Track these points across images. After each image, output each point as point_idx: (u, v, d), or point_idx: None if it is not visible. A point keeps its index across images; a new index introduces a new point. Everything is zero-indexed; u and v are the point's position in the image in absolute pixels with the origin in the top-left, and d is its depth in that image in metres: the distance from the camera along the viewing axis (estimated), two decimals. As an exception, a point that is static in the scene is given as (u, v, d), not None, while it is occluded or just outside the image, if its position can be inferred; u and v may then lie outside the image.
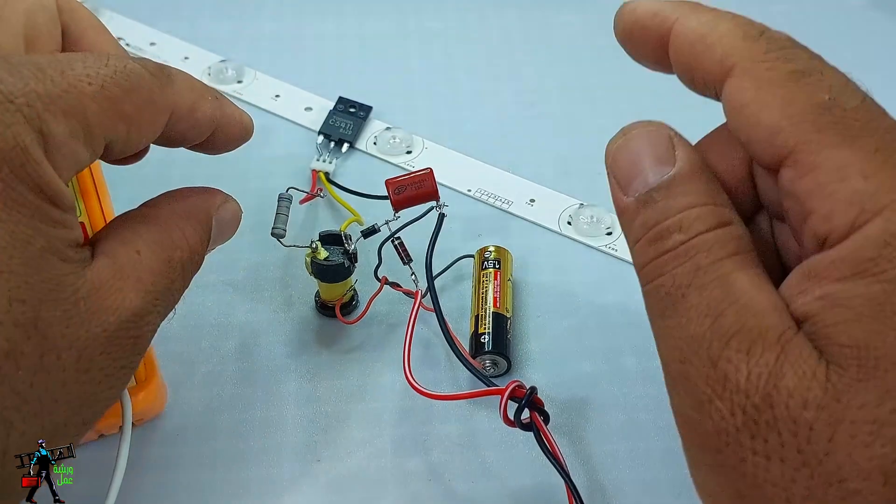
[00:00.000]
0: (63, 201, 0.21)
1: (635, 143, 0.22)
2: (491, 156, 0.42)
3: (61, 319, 0.20)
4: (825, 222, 0.19)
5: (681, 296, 0.20)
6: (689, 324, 0.19)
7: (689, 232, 0.20)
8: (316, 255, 0.32)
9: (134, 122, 0.22)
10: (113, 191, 0.39)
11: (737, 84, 0.20)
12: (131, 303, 0.22)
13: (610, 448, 0.30)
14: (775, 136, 0.19)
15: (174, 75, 0.24)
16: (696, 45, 0.21)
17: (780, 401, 0.18)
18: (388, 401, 0.32)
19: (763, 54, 0.20)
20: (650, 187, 0.21)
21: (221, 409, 0.32)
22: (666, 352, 0.20)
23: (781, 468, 0.18)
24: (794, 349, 0.18)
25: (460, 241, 0.37)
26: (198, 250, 0.25)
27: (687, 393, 0.19)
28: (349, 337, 0.34)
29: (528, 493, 0.29)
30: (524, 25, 0.51)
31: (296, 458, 0.30)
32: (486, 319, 0.33)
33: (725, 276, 0.19)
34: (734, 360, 0.18)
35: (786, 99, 0.19)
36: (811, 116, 0.19)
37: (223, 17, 0.51)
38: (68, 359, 0.21)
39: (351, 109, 0.43)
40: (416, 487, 0.29)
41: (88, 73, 0.21)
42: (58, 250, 0.21)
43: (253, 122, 0.28)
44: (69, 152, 0.21)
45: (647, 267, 0.21)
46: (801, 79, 0.20)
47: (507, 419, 0.27)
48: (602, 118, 0.44)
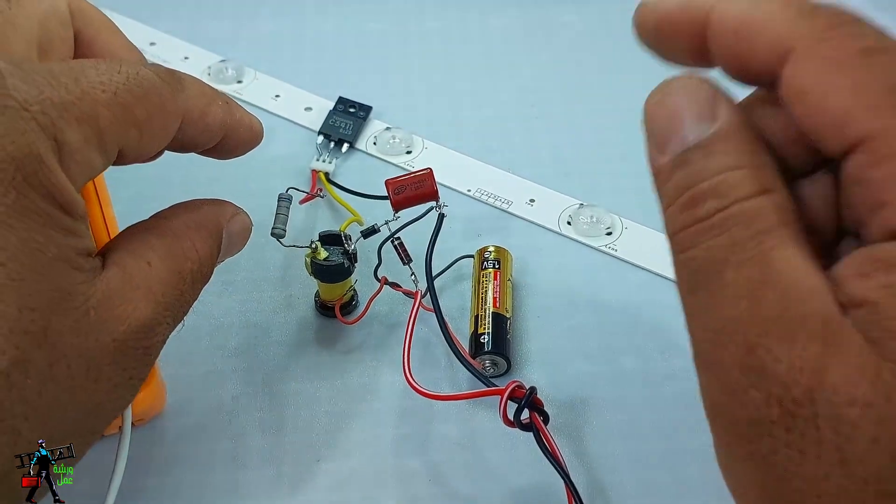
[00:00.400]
0: (75, 210, 0.21)
1: (674, 98, 0.20)
2: (491, 156, 0.42)
3: (71, 328, 0.20)
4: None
5: (715, 272, 0.18)
6: (723, 304, 0.18)
7: (726, 199, 0.18)
8: (316, 255, 0.32)
9: (146, 128, 0.23)
10: (113, 191, 0.39)
11: (798, 69, 0.18)
12: (141, 313, 0.22)
13: (609, 448, 0.30)
14: (846, 123, 0.18)
15: (185, 81, 0.24)
16: (742, 31, 0.19)
17: (823, 396, 0.16)
18: (387, 401, 0.32)
19: (825, 31, 0.18)
20: (688, 146, 0.19)
21: (221, 409, 0.32)
22: (697, 331, 0.19)
23: (816, 464, 0.17)
24: (841, 339, 0.17)
25: (460, 241, 0.37)
26: (208, 262, 0.25)
27: (719, 378, 0.18)
28: (349, 337, 0.34)
29: (528, 493, 0.29)
30: (524, 25, 0.51)
31: (296, 459, 0.30)
32: (486, 319, 0.33)
33: (765, 254, 0.18)
34: (774, 348, 0.17)
35: (857, 81, 0.18)
36: (889, 100, 0.17)
37: (223, 17, 0.51)
38: (77, 368, 0.21)
39: (351, 109, 0.43)
40: (415, 487, 0.29)
41: (102, 80, 0.21)
42: (69, 259, 0.21)
43: (262, 126, 0.28)
44: (83, 159, 0.21)
45: (679, 235, 0.19)
46: (873, 57, 0.18)
47: (506, 419, 0.27)
48: (602, 118, 0.44)
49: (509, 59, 0.48)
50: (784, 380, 0.17)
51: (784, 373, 0.17)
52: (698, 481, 0.29)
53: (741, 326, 0.18)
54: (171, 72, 0.24)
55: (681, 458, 0.30)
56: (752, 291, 0.18)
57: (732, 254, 0.18)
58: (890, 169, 0.17)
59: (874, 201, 0.18)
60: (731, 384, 0.18)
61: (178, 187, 0.40)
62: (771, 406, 0.17)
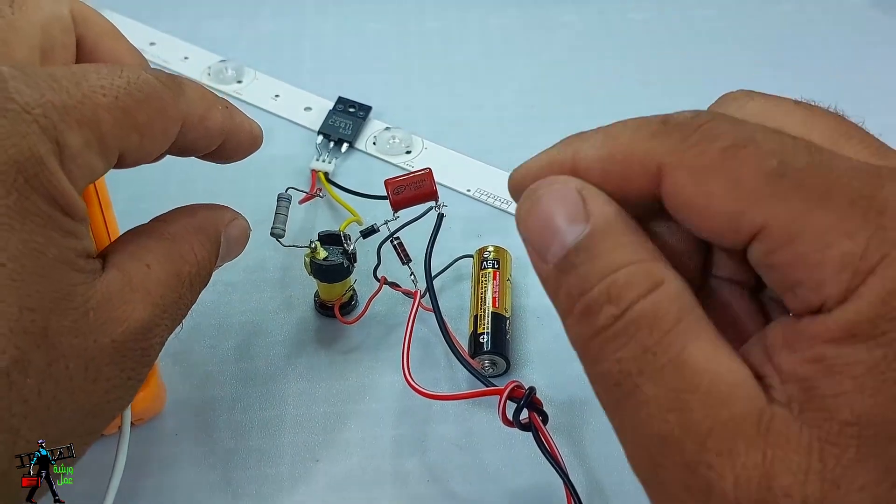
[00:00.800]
0: (75, 211, 0.21)
1: (543, 204, 0.20)
2: (491, 156, 0.42)
3: (70, 329, 0.21)
4: (817, 292, 0.17)
5: (633, 386, 0.18)
6: (650, 422, 0.17)
7: (622, 302, 0.18)
8: (315, 255, 0.32)
9: (147, 131, 0.23)
10: (112, 192, 0.39)
11: (673, 184, 0.18)
12: (140, 315, 0.22)
13: (608, 448, 0.30)
14: (738, 221, 0.18)
15: (185, 85, 0.25)
16: (609, 169, 0.19)
17: (777, 502, 0.16)
18: (387, 401, 0.32)
19: (683, 143, 0.18)
20: (568, 249, 0.19)
21: (221, 409, 0.32)
22: (632, 450, 0.18)
23: None
24: (779, 437, 0.16)
25: (459, 241, 0.37)
26: (206, 265, 0.26)
27: (664, 497, 0.18)
28: (348, 337, 0.34)
29: (527, 493, 0.29)
30: (524, 25, 0.51)
31: (295, 459, 0.30)
32: (485, 319, 0.33)
33: (678, 356, 0.17)
34: (716, 465, 0.16)
35: (732, 179, 0.18)
36: (769, 188, 0.17)
37: (223, 17, 0.51)
38: (76, 368, 0.21)
39: (350, 109, 0.43)
40: (414, 487, 0.29)
41: (103, 84, 0.22)
42: (69, 260, 0.21)
43: (262, 131, 0.28)
44: (83, 163, 0.21)
45: (585, 347, 0.19)
46: (738, 152, 0.18)
47: (505, 419, 0.27)
48: (602, 118, 0.44)
49: (509, 59, 0.48)
50: (733, 497, 0.16)
51: (731, 490, 0.16)
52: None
53: (676, 445, 0.17)
54: (171, 76, 0.24)
55: (680, 458, 0.30)
56: (676, 402, 0.17)
57: (645, 363, 0.17)
58: (793, 251, 0.17)
59: (787, 282, 0.18)
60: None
61: (177, 187, 0.40)
62: None
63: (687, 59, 0.48)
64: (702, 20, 0.51)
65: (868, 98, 0.46)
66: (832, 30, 0.50)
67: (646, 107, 0.35)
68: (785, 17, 0.51)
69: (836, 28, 0.50)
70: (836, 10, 0.52)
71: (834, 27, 0.50)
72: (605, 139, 0.20)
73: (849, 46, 0.49)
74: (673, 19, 0.51)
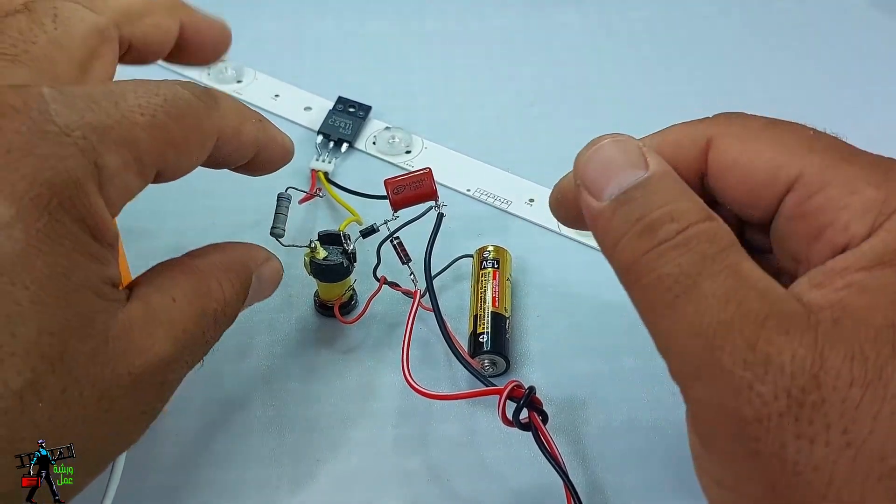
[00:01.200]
0: (105, 236, 0.21)
1: (606, 151, 0.22)
2: (490, 156, 0.42)
3: (88, 355, 0.20)
4: (843, 232, 0.19)
5: (691, 284, 0.19)
6: (709, 310, 0.18)
7: (684, 222, 0.20)
8: (315, 254, 0.32)
9: (183, 148, 0.23)
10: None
11: (721, 150, 0.21)
12: (160, 348, 0.22)
13: (608, 448, 0.30)
14: (777, 173, 0.20)
15: (220, 99, 0.25)
16: (663, 147, 0.22)
17: (827, 381, 0.17)
18: (387, 401, 0.32)
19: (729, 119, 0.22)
20: (625, 189, 0.21)
21: (220, 408, 0.32)
22: (683, 342, 0.19)
23: (825, 451, 0.17)
24: (826, 329, 0.18)
25: (459, 241, 0.37)
26: (233, 304, 0.25)
27: (718, 381, 0.18)
28: (348, 337, 0.34)
29: (527, 493, 0.29)
30: (524, 25, 0.51)
31: (295, 459, 0.30)
32: (485, 319, 0.33)
33: (735, 265, 0.19)
34: (775, 341, 0.18)
35: (775, 139, 0.21)
36: (806, 145, 0.20)
37: (223, 17, 0.51)
38: (90, 397, 0.20)
39: (350, 109, 0.43)
40: (415, 487, 0.29)
41: (140, 103, 0.22)
42: (93, 286, 0.21)
43: (293, 144, 0.28)
44: (121, 183, 0.21)
45: (642, 260, 0.20)
46: (779, 124, 0.21)
47: (505, 419, 0.27)
48: (602, 118, 0.44)
49: (509, 59, 0.49)
50: (790, 369, 0.18)
51: (788, 363, 0.18)
52: (697, 481, 0.29)
53: (735, 326, 0.18)
54: (206, 90, 0.24)
55: (680, 458, 0.30)
56: (735, 295, 0.19)
57: (704, 267, 0.19)
58: (824, 196, 0.20)
59: (813, 229, 0.20)
60: (734, 384, 0.18)
61: (177, 186, 0.40)
62: (779, 398, 0.18)
63: (687, 58, 0.48)
64: (701, 20, 0.51)
65: (868, 98, 0.46)
66: (832, 30, 0.50)
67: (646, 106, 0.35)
68: (785, 16, 0.51)
69: (836, 28, 0.50)
70: (835, 9, 0.52)
71: (834, 27, 0.50)
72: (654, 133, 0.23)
73: (849, 46, 0.49)
74: (673, 19, 0.51)
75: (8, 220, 0.19)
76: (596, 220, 0.21)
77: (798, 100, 0.46)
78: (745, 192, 0.21)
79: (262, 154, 0.27)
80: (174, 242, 0.37)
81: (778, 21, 0.51)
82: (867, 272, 0.19)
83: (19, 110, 0.20)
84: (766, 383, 0.18)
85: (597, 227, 0.21)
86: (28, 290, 0.19)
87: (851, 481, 0.17)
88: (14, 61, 0.23)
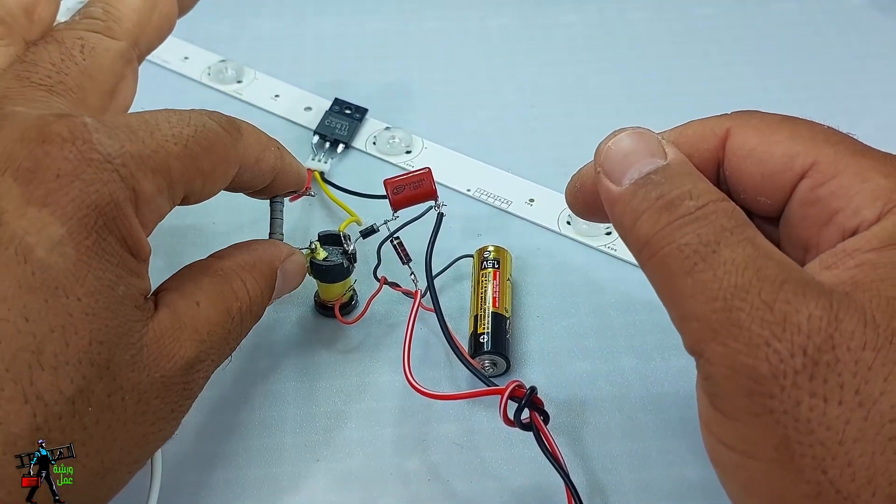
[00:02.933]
0: (141, 253, 0.23)
1: (626, 141, 0.22)
2: (490, 156, 0.42)
3: (129, 363, 0.22)
4: (854, 217, 0.20)
5: (710, 252, 0.20)
6: (729, 275, 0.19)
7: (703, 199, 0.21)
8: (315, 255, 0.32)
9: (210, 176, 0.25)
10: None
11: (739, 139, 0.23)
12: (186, 352, 0.24)
13: (609, 448, 0.30)
14: (793, 158, 0.22)
15: (244, 129, 0.27)
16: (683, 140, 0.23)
17: (842, 342, 0.18)
18: (387, 401, 0.32)
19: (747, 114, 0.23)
20: (647, 173, 0.22)
21: (220, 408, 0.32)
22: (701, 303, 0.20)
23: (838, 410, 0.18)
24: (840, 296, 0.19)
25: (459, 241, 0.37)
26: (259, 301, 0.27)
27: (736, 339, 0.19)
28: (348, 337, 0.34)
29: (528, 493, 0.29)
30: (524, 25, 0.51)
31: (295, 458, 0.30)
32: (486, 319, 0.33)
33: (752, 238, 0.20)
34: (793, 301, 0.19)
35: (792, 131, 0.22)
36: (822, 137, 0.22)
37: (223, 17, 0.51)
38: (131, 401, 0.22)
39: (347, 111, 0.43)
40: (415, 487, 0.29)
41: (173, 132, 0.24)
42: (133, 298, 0.23)
43: (307, 173, 0.31)
44: (155, 206, 0.23)
45: (661, 232, 0.21)
46: (795, 119, 0.23)
47: (506, 419, 0.27)
48: (602, 118, 0.44)
49: (509, 59, 0.48)
50: (806, 329, 0.18)
51: (805, 322, 0.18)
52: (698, 481, 0.29)
53: (753, 289, 0.19)
54: (231, 121, 0.26)
55: (681, 458, 0.30)
56: (753, 263, 0.19)
57: (723, 237, 0.20)
58: (837, 183, 0.21)
59: (825, 214, 0.21)
60: (752, 341, 0.19)
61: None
62: (795, 356, 0.18)
63: (687, 58, 0.48)
64: (701, 19, 0.51)
65: (868, 98, 0.46)
66: (832, 30, 0.50)
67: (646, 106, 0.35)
68: (784, 16, 0.51)
69: (835, 28, 0.50)
70: (835, 9, 0.52)
71: (834, 27, 0.50)
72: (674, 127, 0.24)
73: (849, 46, 0.49)
74: (673, 19, 0.51)
75: (60, 238, 0.21)
76: (615, 202, 0.22)
77: (798, 100, 0.46)
78: (761, 179, 0.22)
79: (277, 181, 0.29)
80: (174, 243, 0.37)
81: (778, 21, 0.51)
82: (877, 252, 0.19)
83: (66, 139, 0.22)
84: (783, 340, 0.18)
85: (615, 209, 0.22)
86: (80, 302, 0.21)
87: (861, 441, 0.18)
88: (51, 91, 0.25)
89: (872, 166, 0.21)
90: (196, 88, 0.45)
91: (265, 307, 0.28)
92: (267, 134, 0.28)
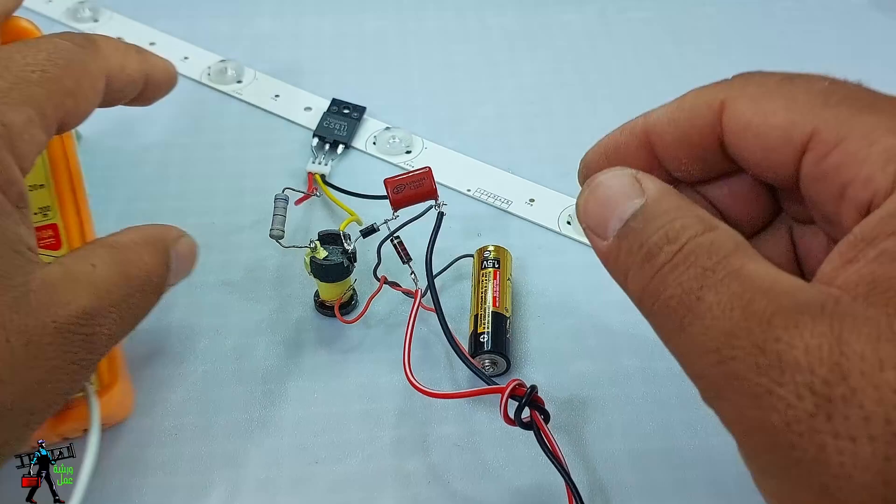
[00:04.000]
0: (15, 195, 0.23)
1: (602, 190, 0.21)
2: (490, 156, 0.42)
3: (10, 305, 0.22)
4: (866, 186, 0.18)
5: (695, 299, 0.18)
6: (717, 321, 0.17)
7: (680, 240, 0.19)
8: (315, 254, 0.32)
9: (78, 94, 0.25)
10: (109, 191, 0.39)
11: (734, 111, 0.20)
12: (83, 302, 0.23)
13: (610, 447, 0.30)
14: (791, 132, 0.19)
15: (98, 41, 0.27)
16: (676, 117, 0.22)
17: (852, 367, 0.15)
18: (387, 401, 0.32)
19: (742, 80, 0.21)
20: (626, 220, 0.20)
21: (219, 409, 0.32)
22: (698, 360, 0.18)
23: (872, 447, 0.15)
24: (845, 314, 0.16)
25: (460, 241, 0.37)
26: (157, 273, 0.26)
27: (739, 393, 0.17)
28: (348, 337, 0.34)
29: (529, 493, 0.29)
30: (524, 25, 0.51)
31: (294, 459, 0.30)
32: (486, 319, 0.32)
33: (737, 270, 0.18)
34: (784, 337, 0.16)
35: (787, 97, 0.20)
36: (820, 100, 0.19)
37: (222, 17, 0.51)
38: (17, 343, 0.22)
39: (345, 111, 0.43)
40: (415, 488, 0.29)
41: (28, 61, 0.24)
42: (10, 241, 0.22)
43: (176, 68, 0.31)
44: (29, 137, 0.23)
45: (647, 288, 0.19)
46: (793, 80, 0.20)
47: (507, 418, 0.27)
48: (602, 118, 0.44)
49: (509, 58, 0.48)
50: (806, 363, 0.16)
51: (802, 357, 0.16)
52: (698, 481, 0.29)
53: (742, 332, 0.17)
54: (84, 36, 0.26)
55: (681, 458, 0.30)
56: (738, 301, 0.17)
57: (705, 279, 0.18)
58: (841, 151, 0.18)
59: (836, 189, 0.19)
60: (753, 392, 0.17)
61: (175, 186, 0.40)
62: (803, 398, 0.16)
63: (687, 57, 0.48)
64: (701, 18, 0.51)
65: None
66: (832, 29, 0.50)
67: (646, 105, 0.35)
68: (785, 14, 0.51)
69: (836, 28, 0.50)
70: (836, 9, 0.52)
71: (834, 27, 0.50)
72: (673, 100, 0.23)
73: (849, 46, 0.49)
74: (673, 18, 0.51)
75: None
76: (605, 260, 0.21)
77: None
78: (762, 156, 0.20)
79: (148, 83, 0.29)
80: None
81: (778, 20, 0.51)
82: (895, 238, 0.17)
83: None
84: (784, 385, 0.16)
85: (607, 266, 0.21)
86: None
87: None
88: None
89: (880, 123, 0.18)
90: (196, 88, 0.45)
91: (164, 284, 0.27)
92: (125, 41, 0.28)
